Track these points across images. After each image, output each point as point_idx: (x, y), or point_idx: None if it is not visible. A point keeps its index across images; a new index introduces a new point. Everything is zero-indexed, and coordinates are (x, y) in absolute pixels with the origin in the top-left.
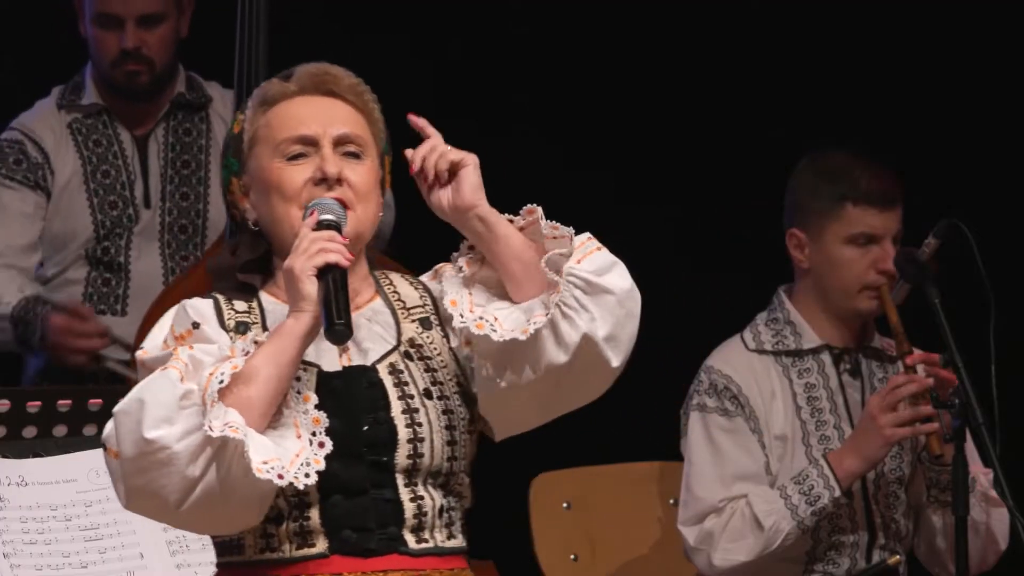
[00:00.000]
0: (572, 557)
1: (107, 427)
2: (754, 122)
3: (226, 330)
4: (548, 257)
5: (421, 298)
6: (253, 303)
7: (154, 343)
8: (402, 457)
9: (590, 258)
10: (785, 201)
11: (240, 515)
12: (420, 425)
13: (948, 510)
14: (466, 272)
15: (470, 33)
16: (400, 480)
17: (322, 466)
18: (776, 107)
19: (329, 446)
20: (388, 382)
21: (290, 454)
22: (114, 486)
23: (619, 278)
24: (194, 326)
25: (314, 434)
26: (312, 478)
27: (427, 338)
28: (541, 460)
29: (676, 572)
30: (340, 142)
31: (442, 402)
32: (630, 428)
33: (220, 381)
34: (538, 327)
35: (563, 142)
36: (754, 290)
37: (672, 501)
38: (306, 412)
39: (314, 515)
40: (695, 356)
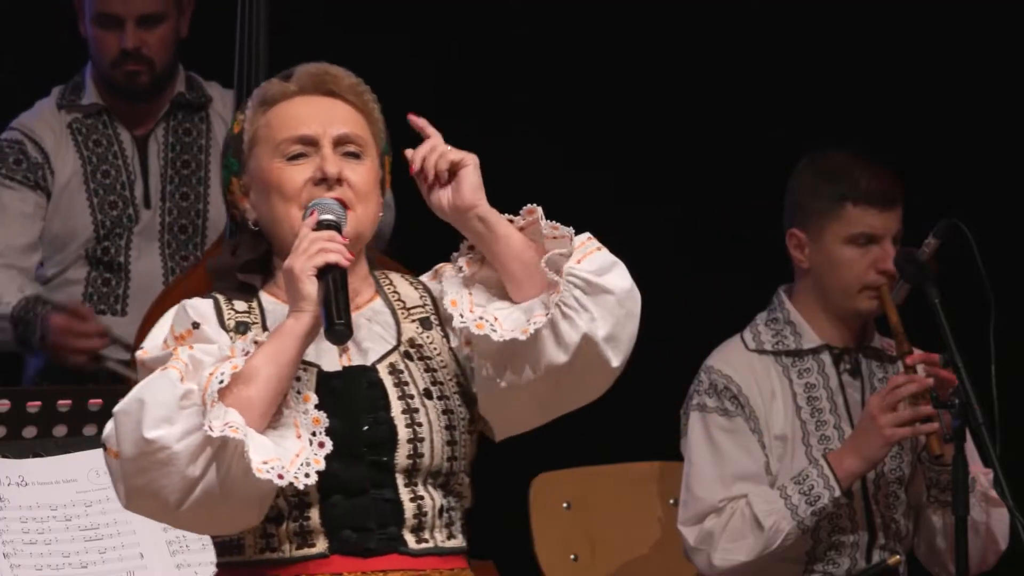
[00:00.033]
0: (572, 557)
1: (107, 427)
2: (754, 122)
3: (226, 330)
4: (548, 257)
5: (421, 298)
6: (253, 303)
7: (154, 343)
8: (402, 457)
9: (590, 258)
10: (785, 201)
11: (240, 515)
12: (420, 425)
13: (948, 510)
14: (466, 272)
15: (470, 33)
16: (400, 480)
17: (322, 466)
18: (776, 107)
19: (329, 446)
20: (388, 382)
21: (290, 454)
22: (114, 486)
23: (619, 278)
24: (194, 326)
25: (314, 434)
26: (312, 478)
27: (427, 338)
28: (541, 460)
29: (676, 572)
30: (340, 142)
31: (442, 402)
32: (630, 428)
33: (220, 381)
34: (538, 327)
35: (563, 142)
36: (754, 290)
37: (672, 501)
38: (306, 412)
39: (314, 515)
40: (695, 356)
